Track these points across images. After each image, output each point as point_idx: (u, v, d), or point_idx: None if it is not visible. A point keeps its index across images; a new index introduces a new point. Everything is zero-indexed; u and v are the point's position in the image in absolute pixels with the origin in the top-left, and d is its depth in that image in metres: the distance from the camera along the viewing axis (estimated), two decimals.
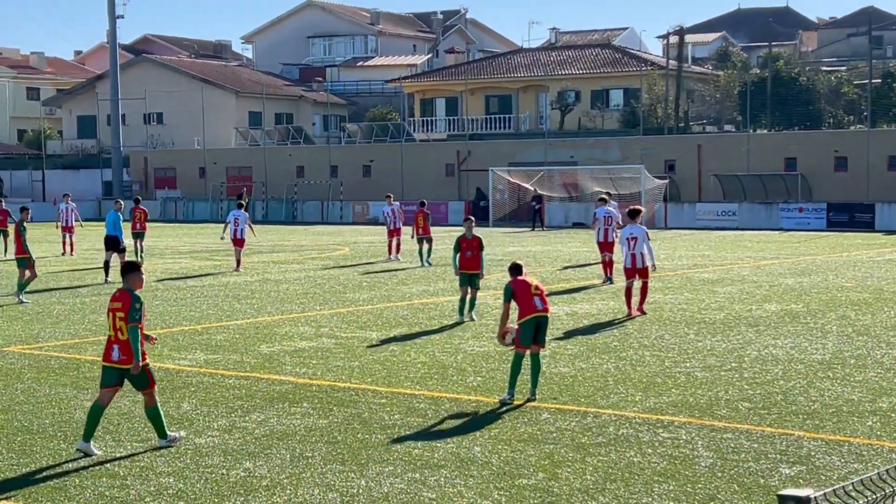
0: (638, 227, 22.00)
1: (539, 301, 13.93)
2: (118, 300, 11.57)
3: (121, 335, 11.47)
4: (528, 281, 14.09)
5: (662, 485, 10.06)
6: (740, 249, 40.49)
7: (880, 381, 14.60)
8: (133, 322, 11.37)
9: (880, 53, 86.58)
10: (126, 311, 11.42)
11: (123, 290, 11.65)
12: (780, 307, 22.61)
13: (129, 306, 11.42)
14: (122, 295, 11.59)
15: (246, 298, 25.39)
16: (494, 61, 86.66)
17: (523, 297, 13.90)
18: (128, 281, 11.71)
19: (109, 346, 11.58)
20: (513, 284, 13.99)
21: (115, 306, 11.54)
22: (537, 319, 13.86)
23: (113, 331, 11.53)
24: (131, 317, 11.39)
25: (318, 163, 74.47)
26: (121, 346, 11.48)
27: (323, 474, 10.49)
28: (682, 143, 65.34)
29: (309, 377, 15.42)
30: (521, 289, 13.96)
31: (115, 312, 11.51)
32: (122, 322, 11.45)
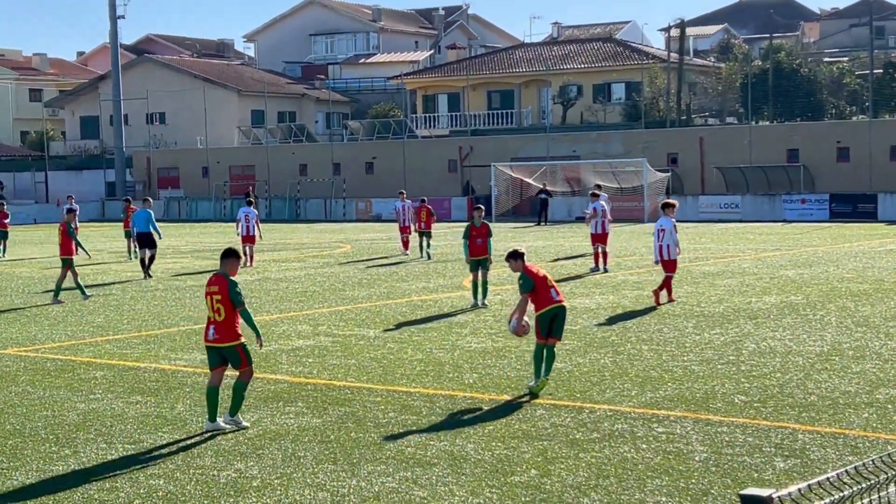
0: (667, 219, 22.86)
1: (554, 292, 14.06)
2: (215, 284, 12.26)
3: (217, 317, 12.21)
4: (543, 272, 14.21)
5: (656, 480, 9.99)
6: (742, 242, 40.39)
7: (878, 373, 14.53)
8: (240, 305, 12.17)
9: (882, 43, 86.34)
10: (225, 295, 12.12)
11: (220, 275, 12.34)
12: (779, 299, 22.53)
13: (230, 291, 12.14)
14: (218, 279, 12.29)
15: (245, 297, 25.27)
16: (496, 56, 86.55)
17: (542, 288, 14.00)
18: (225, 266, 12.39)
19: (207, 327, 12.40)
20: (532, 276, 13.95)
21: (213, 290, 12.24)
22: (555, 311, 13.96)
23: (211, 312, 12.27)
24: (237, 301, 12.15)
25: (320, 160, 74.43)
26: (216, 326, 12.25)
27: (314, 474, 10.44)
28: (685, 136, 65.22)
29: (305, 376, 15.37)
30: (540, 280, 14.04)
31: (213, 296, 12.20)
32: (219, 304, 12.16)
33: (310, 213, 71.17)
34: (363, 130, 79.09)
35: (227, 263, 12.42)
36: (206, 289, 12.44)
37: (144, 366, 16.44)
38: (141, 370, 16.10)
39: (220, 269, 12.51)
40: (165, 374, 15.70)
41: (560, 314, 14.00)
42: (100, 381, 15.31)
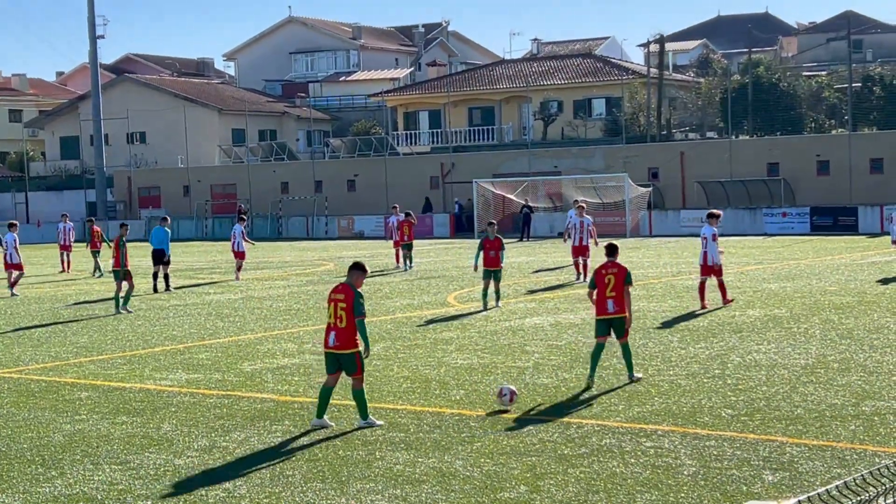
0: (708, 227, 24.72)
1: (612, 304, 15.38)
2: (341, 293, 13.01)
3: (339, 323, 12.91)
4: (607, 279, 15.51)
5: (645, 494, 9.99)
6: (724, 255, 40.40)
7: (863, 385, 14.57)
8: (360, 315, 12.89)
9: (860, 57, 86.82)
10: (350, 304, 12.83)
11: (346, 285, 13.08)
12: (763, 312, 22.59)
13: (354, 301, 12.85)
14: (344, 288, 13.04)
15: (228, 316, 25.27)
16: (476, 73, 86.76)
17: (600, 293, 15.57)
18: (351, 277, 13.14)
19: (328, 333, 13.10)
20: (596, 276, 15.67)
21: (338, 297, 12.98)
22: (609, 321, 15.51)
23: (333, 319, 12.99)
24: (357, 311, 12.87)
25: (302, 178, 74.39)
26: (337, 333, 12.95)
27: (303, 492, 10.41)
28: (665, 151, 65.43)
29: (291, 394, 15.33)
30: (600, 285, 15.54)
31: (338, 303, 12.94)
32: (342, 312, 12.86)
33: (292, 231, 71.09)
34: (344, 148, 79.09)
35: (353, 275, 13.17)
36: (329, 296, 13.18)
37: (129, 386, 16.38)
38: (126, 390, 16.04)
39: (347, 279, 13.24)
40: (151, 394, 15.63)
41: (615, 323, 15.57)
42: (85, 401, 15.24)
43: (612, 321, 15.46)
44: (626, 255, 41.64)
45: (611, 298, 15.42)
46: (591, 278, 15.85)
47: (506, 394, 13.73)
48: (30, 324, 24.93)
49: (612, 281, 15.46)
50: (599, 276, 15.61)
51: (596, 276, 15.69)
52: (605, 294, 15.45)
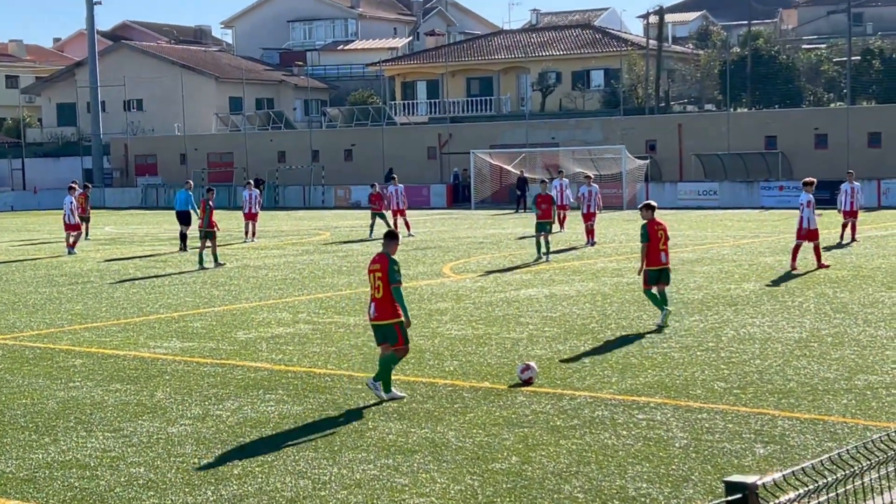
0: (805, 194, 25.70)
1: (664, 255, 17.85)
2: (377, 262, 12.95)
3: (377, 293, 12.86)
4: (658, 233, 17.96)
5: (636, 466, 10.03)
6: (721, 228, 40.52)
7: (856, 359, 14.60)
8: (395, 283, 12.78)
9: (860, 30, 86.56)
10: (385, 273, 12.77)
11: (382, 254, 13.03)
12: (758, 286, 22.61)
13: (388, 268, 12.79)
14: (381, 258, 12.98)
15: (224, 285, 25.28)
16: (475, 43, 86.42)
17: (653, 246, 17.87)
18: (387, 247, 13.12)
19: (369, 305, 13.08)
20: (649, 231, 17.92)
21: (375, 268, 12.93)
22: (661, 270, 17.96)
23: (372, 289, 12.96)
24: (392, 278, 12.78)
25: (299, 147, 74.24)
26: (376, 304, 12.88)
27: (295, 461, 10.43)
28: (663, 123, 65.31)
29: (285, 363, 15.35)
30: (654, 239, 17.89)
31: (374, 273, 12.90)
32: (379, 281, 12.80)
33: (288, 201, 70.99)
34: (342, 117, 78.89)
35: (389, 244, 13.18)
36: (369, 267, 13.12)
37: (124, 353, 16.40)
38: (120, 358, 16.05)
39: (383, 248, 13.18)
40: (145, 362, 15.65)
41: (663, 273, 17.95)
42: (79, 368, 15.26)
43: (663, 271, 17.91)
44: (622, 226, 41.68)
45: (663, 251, 17.88)
46: (644, 232, 17.94)
47: (524, 369, 13.67)
48: (25, 290, 24.93)
49: (663, 236, 17.95)
50: (653, 231, 17.88)
51: (650, 230, 17.86)
52: (658, 247, 17.81)
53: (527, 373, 13.57)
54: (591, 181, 35.76)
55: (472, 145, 64.68)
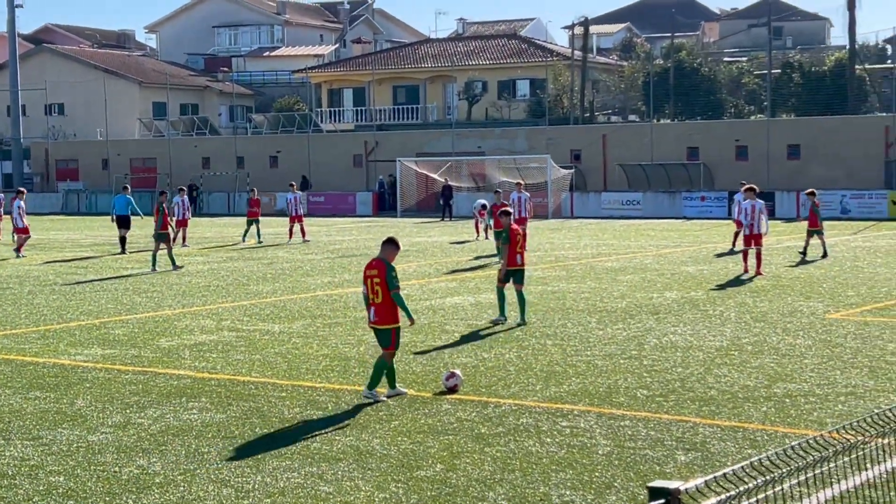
0: (748, 201, 26.96)
1: (520, 257, 19.08)
2: (374, 268, 13.17)
3: (376, 299, 13.07)
4: (517, 237, 19.13)
5: (560, 473, 10.09)
6: (643, 238, 40.94)
7: (776, 367, 14.83)
8: (394, 289, 13.03)
9: (780, 44, 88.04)
10: (383, 279, 13.00)
11: (379, 260, 13.27)
12: (680, 295, 22.88)
13: (387, 275, 13.01)
14: (377, 263, 13.21)
15: (146, 292, 25.01)
16: (402, 52, 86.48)
17: (512, 249, 18.96)
18: (384, 252, 13.32)
19: (368, 310, 13.31)
20: (511, 234, 19.05)
21: (372, 273, 13.14)
22: (515, 271, 19.17)
23: (371, 294, 13.14)
24: (391, 284, 13.02)
25: (224, 154, 73.71)
26: (376, 308, 13.13)
27: (218, 470, 10.35)
28: (588, 133, 65.85)
29: (208, 371, 15.22)
30: (513, 241, 18.96)
31: (372, 279, 13.09)
32: (378, 287, 13.02)
33: (213, 207, 70.44)
34: (267, 124, 78.47)
35: (386, 249, 13.34)
36: (364, 272, 13.32)
37: (43, 361, 16.16)
38: (40, 365, 15.81)
39: (379, 254, 13.41)
40: (65, 370, 15.43)
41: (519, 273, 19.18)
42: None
43: (518, 271, 19.17)
44: (546, 236, 41.95)
45: (519, 253, 19.08)
46: (506, 235, 19.13)
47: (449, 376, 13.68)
48: None
49: (521, 240, 19.21)
50: (513, 235, 18.99)
51: (511, 234, 18.98)
52: (516, 249, 19.02)
53: (451, 380, 13.59)
54: (521, 188, 36.02)
55: (399, 153, 64.71)
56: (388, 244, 13.47)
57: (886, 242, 36.73)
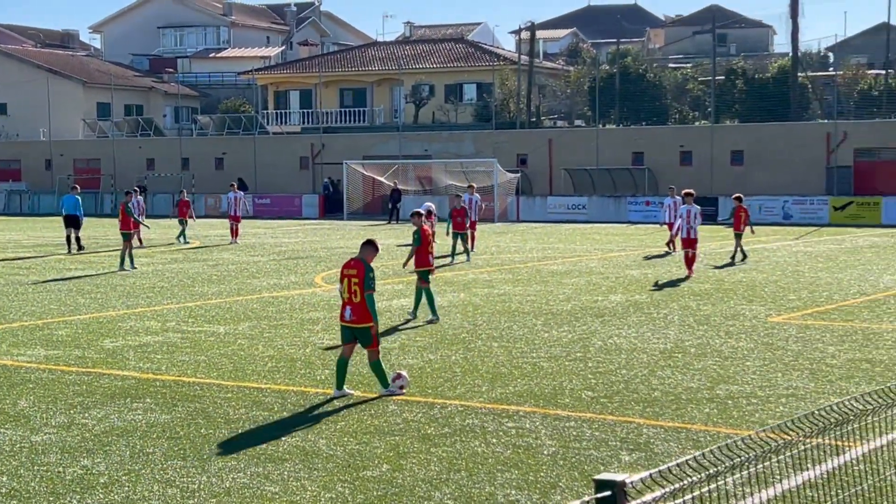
0: (693, 206, 28.03)
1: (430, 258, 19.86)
2: (353, 268, 13.35)
3: (354, 298, 13.22)
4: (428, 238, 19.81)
5: (506, 473, 10.15)
6: (589, 242, 41.20)
7: (718, 370, 15.00)
8: (369, 290, 13.21)
9: (724, 51, 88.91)
10: (361, 279, 13.18)
11: (358, 260, 13.43)
12: (625, 298, 23.06)
13: (365, 276, 13.20)
14: (356, 264, 13.38)
15: (90, 293, 24.81)
16: (349, 54, 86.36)
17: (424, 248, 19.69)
18: (363, 253, 13.46)
19: (344, 308, 13.38)
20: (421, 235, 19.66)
21: (350, 273, 13.32)
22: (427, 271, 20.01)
23: (348, 294, 13.30)
24: (367, 285, 13.20)
25: (169, 155, 73.23)
26: (353, 308, 13.25)
27: (163, 470, 10.31)
28: (534, 138, 66.14)
29: (153, 372, 15.14)
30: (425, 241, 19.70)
31: (351, 279, 13.27)
32: (356, 287, 13.19)
33: (157, 209, 69.86)
34: (213, 125, 78.04)
35: (365, 250, 13.48)
36: (342, 271, 13.49)
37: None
38: None
39: (359, 254, 13.53)
40: (8, 370, 15.28)
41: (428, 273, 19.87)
42: None
43: (429, 271, 19.96)
44: (493, 239, 42.09)
45: (430, 254, 19.80)
46: (417, 237, 19.67)
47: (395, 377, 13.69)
48: None
49: (430, 240, 19.93)
50: (424, 236, 19.56)
51: (422, 235, 19.55)
52: (427, 250, 19.72)
53: (398, 381, 13.63)
54: (473, 190, 36.71)
55: (345, 156, 64.62)
56: (367, 245, 13.59)
57: (827, 248, 37.26)
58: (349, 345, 13.50)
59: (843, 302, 22.33)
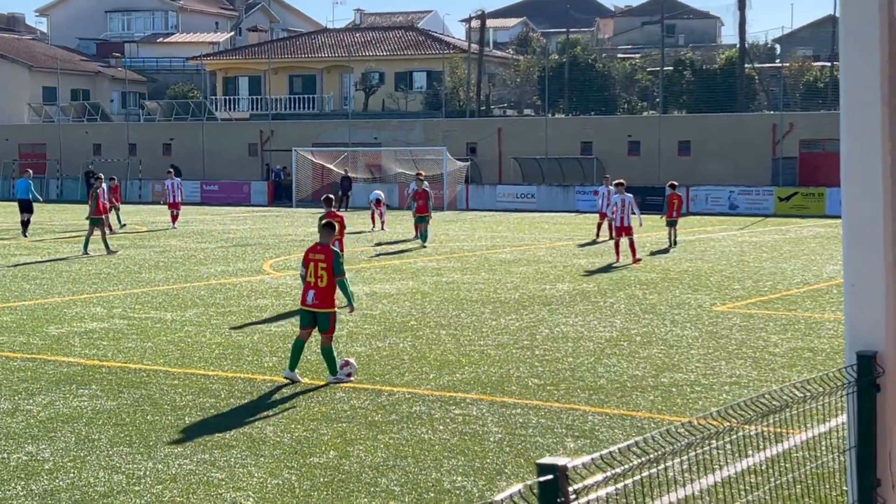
0: (626, 195, 29.02)
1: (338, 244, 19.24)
2: (320, 252, 13.38)
3: (319, 283, 13.26)
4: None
5: (452, 460, 10.22)
6: (537, 231, 41.38)
7: (663, 358, 15.16)
8: (340, 275, 13.31)
9: (672, 42, 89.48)
10: (330, 264, 13.23)
11: (324, 245, 13.44)
12: (572, 286, 23.21)
13: (334, 260, 13.26)
14: (323, 248, 13.42)
15: (35, 279, 24.59)
16: (298, 41, 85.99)
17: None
18: (326, 236, 13.50)
19: (306, 291, 13.41)
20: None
21: (317, 258, 13.32)
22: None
23: (313, 278, 13.31)
24: (337, 270, 13.28)
25: (115, 140, 72.58)
26: (316, 292, 13.30)
27: (109, 457, 10.28)
28: (484, 126, 66.27)
29: (99, 359, 15.06)
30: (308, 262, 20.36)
31: (318, 263, 13.28)
32: (323, 272, 13.22)
33: None
34: (160, 111, 77.47)
35: (328, 233, 13.52)
36: (307, 255, 13.51)
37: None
38: None
39: (321, 238, 13.56)
40: None
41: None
42: None
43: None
44: (442, 227, 42.15)
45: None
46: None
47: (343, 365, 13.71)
48: None
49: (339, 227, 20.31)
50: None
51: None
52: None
53: (346, 369, 13.65)
54: (422, 178, 37.07)
55: (295, 143, 64.39)
56: (327, 228, 13.62)
57: (772, 238, 37.67)
58: (307, 329, 13.56)
59: (786, 291, 22.61)
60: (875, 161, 5.70)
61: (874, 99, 5.75)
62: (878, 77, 5.75)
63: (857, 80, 5.82)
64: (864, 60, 5.75)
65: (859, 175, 5.76)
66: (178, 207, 42.26)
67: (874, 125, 5.74)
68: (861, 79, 5.79)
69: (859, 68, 5.79)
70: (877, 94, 5.75)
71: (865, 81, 5.77)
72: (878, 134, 5.71)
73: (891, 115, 5.77)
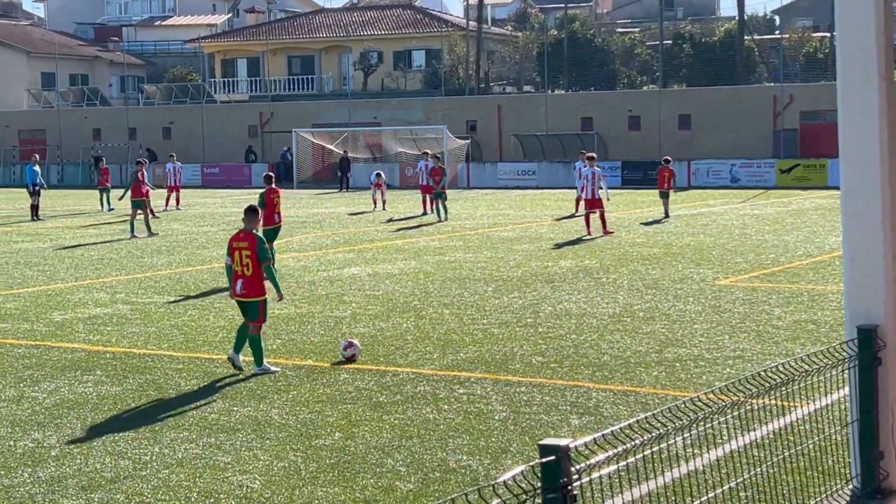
0: (589, 169, 29.50)
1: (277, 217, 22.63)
2: (243, 240, 13.02)
3: (246, 271, 12.97)
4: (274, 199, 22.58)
5: (457, 439, 10.25)
6: (539, 208, 41.34)
7: (666, 333, 15.17)
8: (266, 261, 12.99)
9: (671, 15, 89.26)
10: (254, 252, 12.90)
11: (247, 232, 13.10)
12: (574, 263, 23.21)
13: (258, 248, 12.92)
14: (246, 236, 13.06)
15: (38, 265, 24.61)
16: (296, 21, 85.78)
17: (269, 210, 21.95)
18: (251, 223, 13.17)
19: (235, 281, 13.14)
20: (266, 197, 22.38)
21: (241, 245, 12.99)
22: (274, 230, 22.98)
23: (240, 267, 13.00)
24: (263, 256, 12.95)
25: (115, 125, 72.49)
26: (244, 281, 13.01)
27: (115, 442, 10.31)
28: (483, 104, 66.14)
29: (103, 344, 15.09)
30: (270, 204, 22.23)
31: (242, 251, 12.96)
32: (248, 260, 12.91)
33: None
34: (160, 94, 77.33)
35: (252, 219, 13.20)
36: (231, 244, 13.17)
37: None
38: None
39: (245, 225, 13.23)
40: None
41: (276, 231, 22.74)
42: None
43: (276, 229, 22.67)
44: None
45: (277, 214, 22.49)
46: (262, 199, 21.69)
47: (347, 346, 13.73)
48: None
49: (278, 201, 22.60)
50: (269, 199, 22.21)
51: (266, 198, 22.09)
52: (274, 211, 22.42)
53: (349, 350, 13.67)
54: (428, 156, 38.58)
55: (294, 124, 64.29)
56: (251, 213, 13.33)
57: (774, 210, 37.63)
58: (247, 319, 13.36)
59: (789, 264, 22.61)
60: (872, 136, 5.69)
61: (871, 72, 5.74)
62: (875, 49, 5.73)
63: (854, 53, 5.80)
64: (861, 33, 5.74)
65: (856, 150, 5.75)
66: (177, 190, 43.84)
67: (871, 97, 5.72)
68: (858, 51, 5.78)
69: (856, 40, 5.78)
70: (874, 66, 5.74)
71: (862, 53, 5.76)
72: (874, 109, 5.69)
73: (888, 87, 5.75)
